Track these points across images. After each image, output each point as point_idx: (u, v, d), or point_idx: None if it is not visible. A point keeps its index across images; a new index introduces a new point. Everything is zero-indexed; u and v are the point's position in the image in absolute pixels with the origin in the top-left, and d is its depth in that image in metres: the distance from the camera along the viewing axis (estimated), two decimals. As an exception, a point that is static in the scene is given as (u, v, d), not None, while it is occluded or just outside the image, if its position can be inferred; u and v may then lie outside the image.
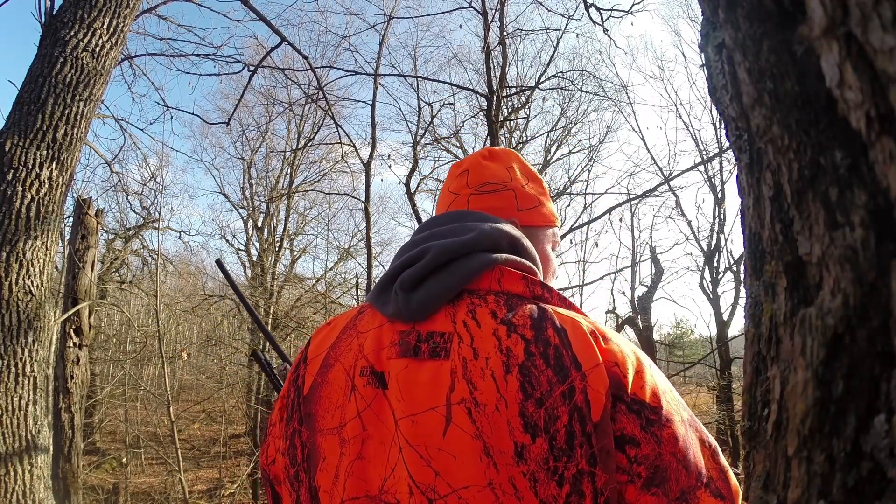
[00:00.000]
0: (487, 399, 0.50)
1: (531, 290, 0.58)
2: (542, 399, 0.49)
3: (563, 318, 0.54)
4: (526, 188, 0.72)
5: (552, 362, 0.50)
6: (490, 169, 0.72)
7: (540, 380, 0.49)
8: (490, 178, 0.71)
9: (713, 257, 10.22)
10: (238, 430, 11.92)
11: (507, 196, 0.70)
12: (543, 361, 0.50)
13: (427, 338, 0.56)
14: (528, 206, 0.71)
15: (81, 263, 4.35)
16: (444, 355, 0.54)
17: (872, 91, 0.24)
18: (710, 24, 0.43)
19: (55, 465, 3.79)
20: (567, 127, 11.82)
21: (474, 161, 0.74)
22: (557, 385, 0.49)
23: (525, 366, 0.50)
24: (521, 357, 0.51)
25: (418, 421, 0.52)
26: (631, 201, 10.21)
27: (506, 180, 0.71)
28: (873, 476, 0.25)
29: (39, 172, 2.21)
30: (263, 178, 14.03)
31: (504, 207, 0.69)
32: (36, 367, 2.16)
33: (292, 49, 4.01)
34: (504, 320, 0.54)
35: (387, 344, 0.58)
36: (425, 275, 0.58)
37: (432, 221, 0.67)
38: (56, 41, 2.36)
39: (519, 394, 0.49)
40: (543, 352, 0.51)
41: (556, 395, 0.48)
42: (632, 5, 4.75)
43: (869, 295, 0.25)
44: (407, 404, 0.53)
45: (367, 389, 0.56)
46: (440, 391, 0.52)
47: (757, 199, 0.38)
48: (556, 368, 0.50)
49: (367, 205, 6.95)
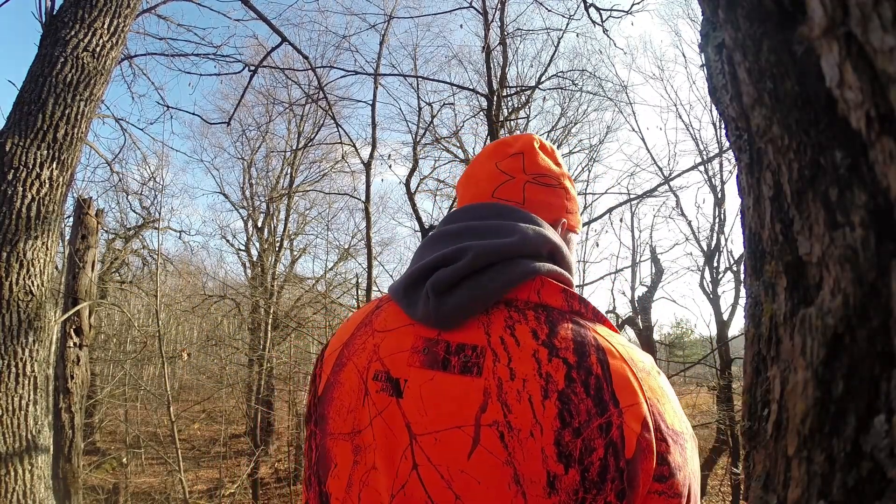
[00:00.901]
0: (522, 424, 0.47)
1: (569, 304, 0.54)
2: (580, 429, 0.47)
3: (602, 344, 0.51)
4: (571, 191, 0.69)
5: (592, 392, 0.48)
6: (545, 161, 0.67)
7: (579, 408, 0.47)
8: (546, 171, 0.66)
9: (713, 257, 10.22)
10: (238, 430, 11.92)
11: (560, 194, 0.66)
12: (584, 390, 0.48)
13: (458, 350, 0.52)
14: (573, 209, 0.68)
15: (81, 263, 4.35)
16: (476, 371, 0.50)
17: (872, 91, 0.24)
18: (710, 24, 0.43)
19: (55, 465, 3.79)
20: (567, 127, 11.82)
21: (529, 146, 0.68)
22: (596, 417, 0.47)
23: (565, 393, 0.48)
24: (562, 384, 0.48)
25: (441, 439, 0.49)
26: (631, 201, 10.21)
27: (559, 178, 0.67)
28: (873, 476, 0.25)
29: (40, 172, 2.21)
30: (263, 178, 14.05)
31: (558, 205, 0.66)
32: (36, 367, 2.16)
33: (292, 49, 4.01)
34: (545, 342, 0.50)
35: (408, 349, 0.54)
36: (461, 278, 0.53)
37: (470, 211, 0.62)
38: (56, 41, 2.36)
39: (556, 421, 0.47)
40: (585, 380, 0.48)
41: (594, 427, 0.47)
42: (632, 5, 4.75)
43: (869, 295, 0.25)
44: (430, 419, 0.50)
45: (379, 396, 0.54)
46: (469, 410, 0.49)
47: (757, 199, 0.38)
48: (595, 399, 0.48)
49: (367, 205, 6.95)
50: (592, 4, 4.33)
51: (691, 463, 0.51)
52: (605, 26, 4.48)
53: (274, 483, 10.10)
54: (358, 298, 8.18)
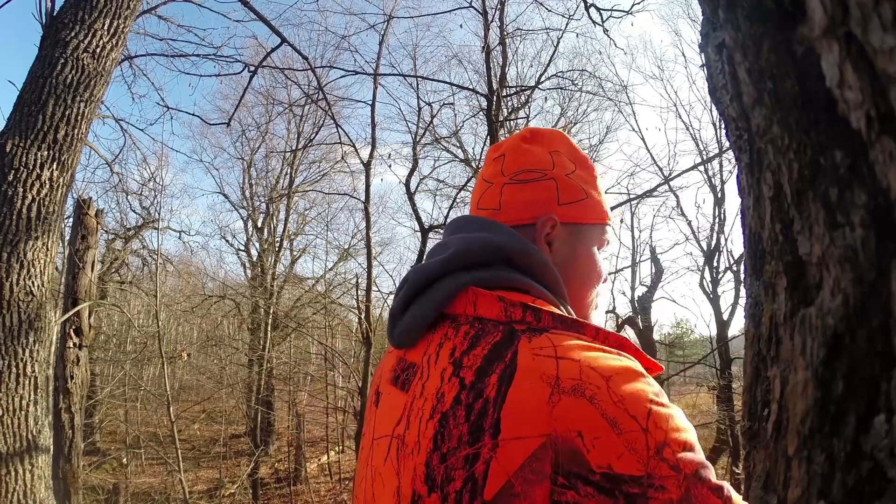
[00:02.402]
0: (410, 441, 0.48)
1: (509, 314, 0.50)
2: (447, 455, 0.44)
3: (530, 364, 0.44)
4: (571, 177, 0.61)
5: (473, 418, 0.44)
6: (530, 153, 0.62)
7: (452, 433, 0.44)
8: (529, 165, 0.61)
9: (713, 257, 10.22)
10: (238, 430, 11.92)
11: (546, 186, 0.60)
12: (465, 414, 0.45)
13: (407, 367, 0.55)
14: (571, 198, 0.60)
15: (81, 264, 4.35)
16: (405, 388, 0.53)
17: (872, 91, 0.24)
18: (710, 24, 0.43)
19: (55, 466, 3.79)
20: (567, 127, 11.80)
21: (513, 144, 0.64)
22: (465, 445, 0.43)
23: (446, 415, 0.46)
24: (448, 405, 0.46)
25: (378, 445, 0.53)
26: (631, 201, 10.21)
27: (547, 167, 0.61)
28: (873, 476, 0.25)
29: (40, 173, 2.21)
30: (263, 178, 14.05)
31: (542, 200, 0.60)
32: (37, 368, 2.16)
33: (292, 49, 4.01)
34: (456, 360, 0.49)
35: (391, 367, 0.59)
36: (409, 301, 0.56)
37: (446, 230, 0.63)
38: (57, 42, 2.36)
39: (430, 443, 0.46)
40: (469, 403, 0.45)
41: (461, 456, 0.43)
42: (632, 5, 4.75)
43: (869, 295, 0.25)
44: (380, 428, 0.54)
45: (371, 407, 0.60)
46: (392, 422, 0.52)
47: (757, 199, 0.38)
48: (472, 426, 0.44)
49: (367, 205, 6.95)
50: (593, 4, 4.33)
51: None
52: (606, 26, 4.48)
53: (274, 483, 10.10)
54: (358, 298, 8.18)
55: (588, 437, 0.41)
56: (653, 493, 0.40)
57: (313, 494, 8.99)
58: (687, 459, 0.41)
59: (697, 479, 0.41)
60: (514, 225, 0.59)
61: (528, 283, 0.54)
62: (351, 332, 11.42)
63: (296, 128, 13.25)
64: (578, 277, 0.61)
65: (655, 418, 0.42)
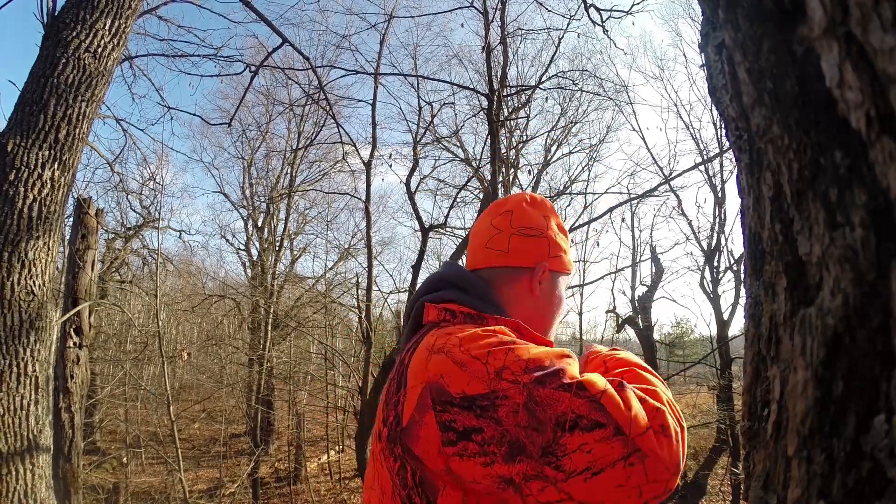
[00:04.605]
0: (381, 399, 0.74)
1: (439, 316, 0.76)
2: (388, 403, 0.69)
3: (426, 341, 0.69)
4: (556, 238, 0.85)
5: (397, 378, 0.70)
6: (531, 215, 0.85)
7: (391, 388, 0.70)
8: (530, 223, 0.84)
9: (713, 257, 10.22)
10: (238, 429, 11.93)
11: (542, 241, 0.83)
12: (396, 376, 0.70)
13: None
14: (556, 253, 0.84)
15: (81, 263, 4.35)
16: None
17: (872, 91, 0.24)
18: (710, 24, 0.43)
19: (55, 465, 3.79)
20: (567, 126, 11.82)
21: (518, 205, 0.86)
22: (394, 394, 0.68)
23: (392, 378, 0.72)
24: (394, 374, 0.72)
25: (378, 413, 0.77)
26: (631, 201, 10.21)
27: (543, 228, 0.84)
28: (873, 476, 0.25)
29: (42, 173, 2.21)
30: (263, 178, 14.04)
31: (538, 251, 0.82)
32: (38, 367, 2.16)
33: (293, 49, 4.00)
34: (407, 349, 0.74)
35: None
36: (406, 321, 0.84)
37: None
38: (58, 42, 2.36)
39: (384, 395, 0.72)
40: (399, 369, 0.71)
41: (392, 402, 0.68)
42: (632, 5, 4.75)
43: (869, 295, 0.25)
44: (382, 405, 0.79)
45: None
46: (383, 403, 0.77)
47: (757, 199, 0.38)
48: (397, 383, 0.69)
49: (367, 204, 6.95)
50: (593, 5, 4.33)
51: (508, 419, 0.57)
52: (606, 26, 4.48)
53: (274, 482, 10.10)
54: (358, 298, 8.18)
55: (446, 376, 0.62)
56: (499, 402, 0.58)
57: (313, 494, 9.00)
58: (528, 374, 0.59)
59: (537, 384, 0.58)
60: (518, 266, 0.81)
61: (456, 296, 0.78)
62: (351, 331, 11.43)
63: (296, 127, 13.25)
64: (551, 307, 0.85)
65: (494, 354, 0.62)
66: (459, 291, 0.79)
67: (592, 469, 0.54)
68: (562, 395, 0.57)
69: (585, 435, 0.55)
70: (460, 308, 0.76)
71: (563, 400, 0.56)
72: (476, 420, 0.58)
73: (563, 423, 0.55)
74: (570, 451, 0.54)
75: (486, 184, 7.96)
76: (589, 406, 0.56)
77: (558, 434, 0.55)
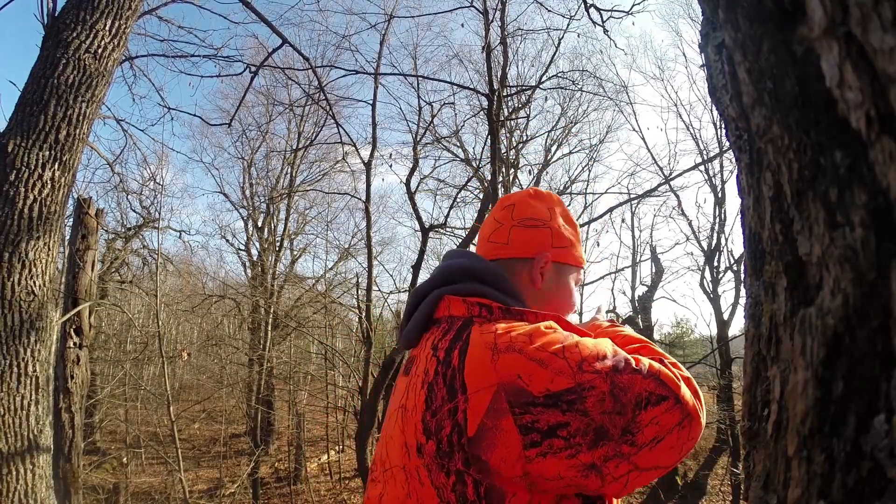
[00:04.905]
0: (410, 405, 0.67)
1: (469, 311, 0.72)
2: (436, 411, 0.63)
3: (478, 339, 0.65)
4: (562, 229, 0.83)
5: (448, 382, 0.64)
6: (534, 207, 0.83)
7: (437, 395, 0.64)
8: (532, 215, 0.82)
9: (713, 257, 10.22)
10: (238, 429, 11.93)
11: (544, 232, 0.81)
12: (443, 381, 0.64)
13: (410, 360, 0.75)
14: (561, 244, 0.82)
15: (82, 263, 4.35)
16: (408, 373, 0.73)
17: (872, 91, 0.24)
18: (710, 24, 0.43)
19: (55, 465, 3.79)
20: (567, 126, 11.83)
21: (521, 198, 0.85)
22: (447, 402, 0.62)
23: (431, 383, 0.65)
24: (431, 376, 0.66)
25: (391, 414, 0.72)
26: (631, 201, 10.21)
27: (546, 219, 0.82)
28: (873, 476, 0.25)
29: (42, 173, 2.21)
30: (263, 178, 14.03)
31: (540, 241, 0.80)
32: (38, 367, 2.16)
33: (293, 49, 4.00)
34: (434, 345, 0.70)
35: (403, 364, 0.79)
36: (410, 313, 0.79)
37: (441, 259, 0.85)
38: (58, 42, 2.36)
39: (423, 404, 0.65)
40: (444, 372, 0.65)
41: (445, 411, 0.62)
42: (632, 6, 4.75)
43: (869, 295, 0.25)
44: (390, 408, 0.74)
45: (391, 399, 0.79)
46: (400, 399, 0.71)
47: (757, 199, 0.38)
48: (448, 388, 0.63)
49: (367, 204, 6.95)
50: (593, 5, 4.33)
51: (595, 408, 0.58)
52: (606, 26, 4.48)
53: (274, 483, 10.10)
54: (358, 298, 8.18)
55: (525, 376, 0.60)
56: (586, 393, 0.59)
57: (313, 494, 9.00)
58: (603, 364, 0.61)
59: (616, 372, 0.61)
60: (518, 256, 0.79)
61: (486, 290, 0.74)
62: (351, 331, 11.42)
63: (296, 127, 13.25)
64: (558, 299, 0.82)
65: (568, 349, 0.62)
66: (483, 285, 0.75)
67: (657, 438, 0.60)
68: (635, 378, 0.61)
69: (655, 409, 0.60)
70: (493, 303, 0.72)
71: (637, 382, 0.61)
72: (562, 415, 0.58)
73: (641, 402, 0.60)
74: (643, 427, 0.59)
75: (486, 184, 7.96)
76: (655, 383, 0.61)
77: (636, 413, 0.59)
